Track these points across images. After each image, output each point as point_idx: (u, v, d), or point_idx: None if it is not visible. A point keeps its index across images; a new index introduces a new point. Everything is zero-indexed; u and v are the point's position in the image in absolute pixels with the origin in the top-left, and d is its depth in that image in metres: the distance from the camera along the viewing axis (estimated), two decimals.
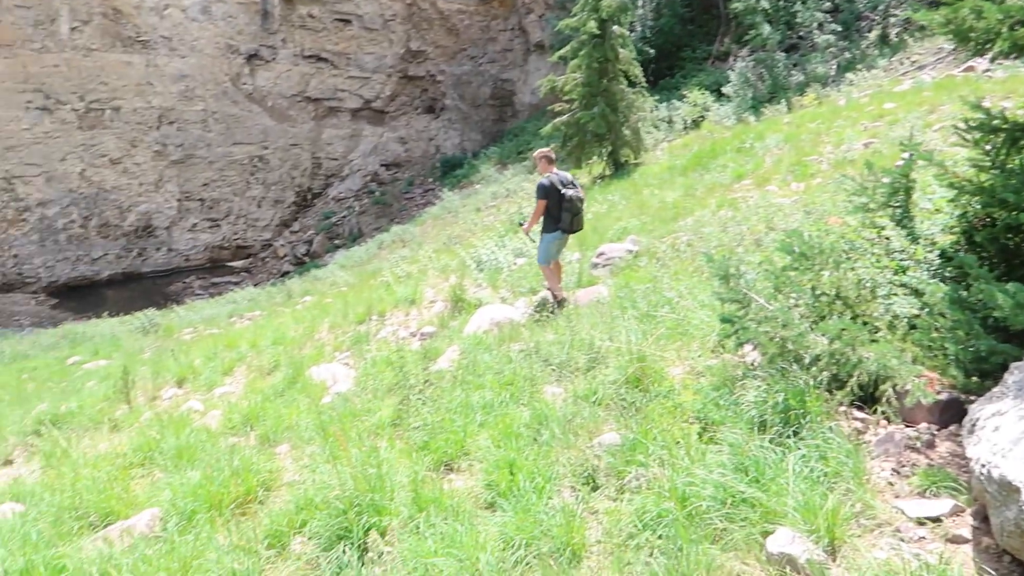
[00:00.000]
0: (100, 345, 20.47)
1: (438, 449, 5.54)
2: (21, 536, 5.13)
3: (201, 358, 12.76)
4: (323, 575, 4.31)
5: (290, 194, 46.29)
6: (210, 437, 7.37)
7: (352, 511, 4.57)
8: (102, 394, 11.91)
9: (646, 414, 5.26)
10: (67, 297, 39.92)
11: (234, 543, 4.54)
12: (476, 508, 4.71)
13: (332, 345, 11.29)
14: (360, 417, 6.59)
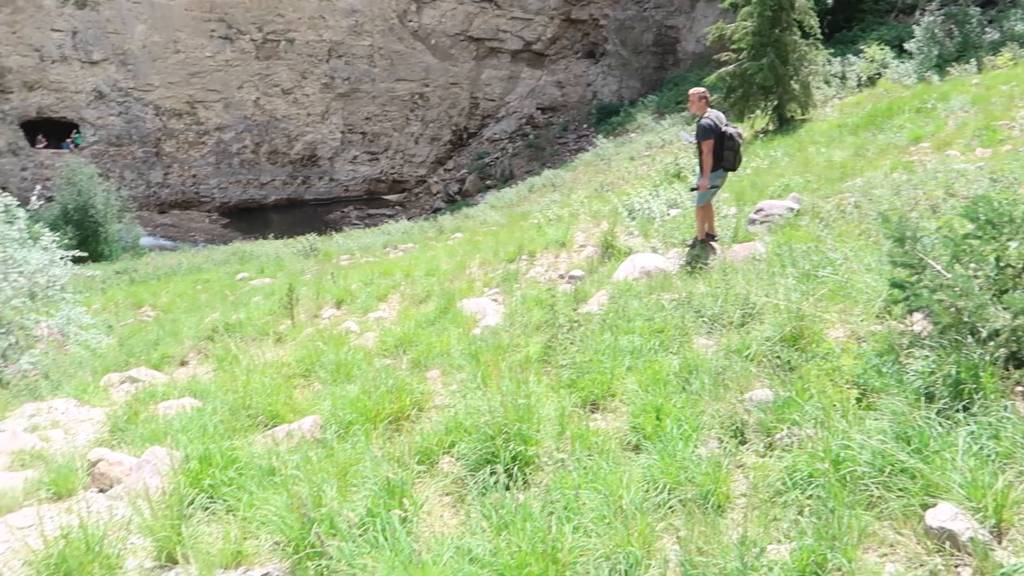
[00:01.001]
0: (265, 264, 21.80)
1: (584, 388, 5.61)
2: (200, 427, 5.61)
3: (358, 283, 13.36)
4: (469, 494, 4.48)
5: (446, 132, 47.16)
6: (365, 357, 7.75)
7: (500, 438, 4.71)
8: (267, 309, 12.72)
9: (801, 374, 5.11)
10: (237, 218, 42.62)
11: (388, 454, 4.78)
12: (620, 448, 4.75)
13: (482, 281, 11.55)
14: (508, 351, 6.75)
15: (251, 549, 4.13)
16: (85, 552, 3.89)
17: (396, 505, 4.12)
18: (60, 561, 3.83)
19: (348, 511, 4.09)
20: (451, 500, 4.61)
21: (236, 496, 4.53)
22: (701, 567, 3.42)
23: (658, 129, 31.87)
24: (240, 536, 4.15)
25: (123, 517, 4.46)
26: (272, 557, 4.09)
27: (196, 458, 4.83)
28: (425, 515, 4.32)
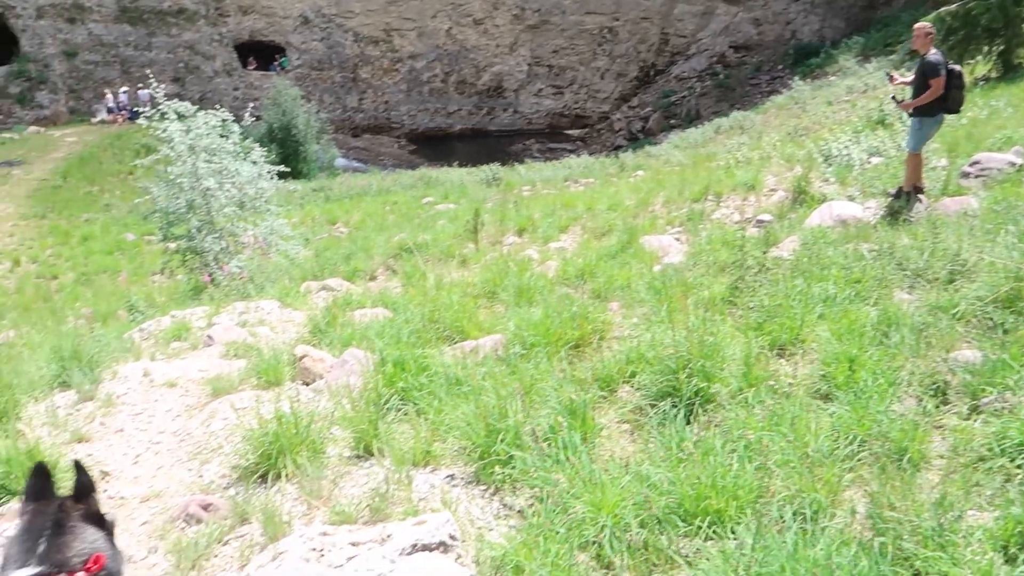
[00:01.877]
0: (449, 191, 22.47)
1: (772, 332, 5.45)
2: (393, 335, 5.94)
3: (539, 213, 13.53)
4: (648, 423, 4.50)
5: (633, 68, 46.18)
6: (547, 284, 7.88)
7: (683, 372, 4.68)
8: (452, 232, 13.16)
9: (1017, 338, 4.73)
10: (423, 144, 44.00)
11: (569, 376, 4.88)
12: (808, 395, 4.61)
13: (665, 219, 11.39)
14: (693, 289, 6.65)
15: (439, 451, 4.37)
16: (295, 435, 4.26)
17: (577, 425, 4.21)
18: (274, 440, 4.22)
19: (532, 425, 4.23)
20: (629, 428, 4.65)
21: (426, 401, 4.79)
22: (892, 522, 3.29)
23: (861, 73, 29.72)
24: (429, 438, 4.39)
25: (325, 409, 4.83)
26: (457, 460, 4.31)
27: (391, 362, 5.13)
28: (604, 439, 4.40)
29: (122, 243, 22.56)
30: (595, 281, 7.83)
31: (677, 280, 6.98)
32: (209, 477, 4.51)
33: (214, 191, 14.19)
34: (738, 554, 3.06)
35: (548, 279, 8.15)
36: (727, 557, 3.09)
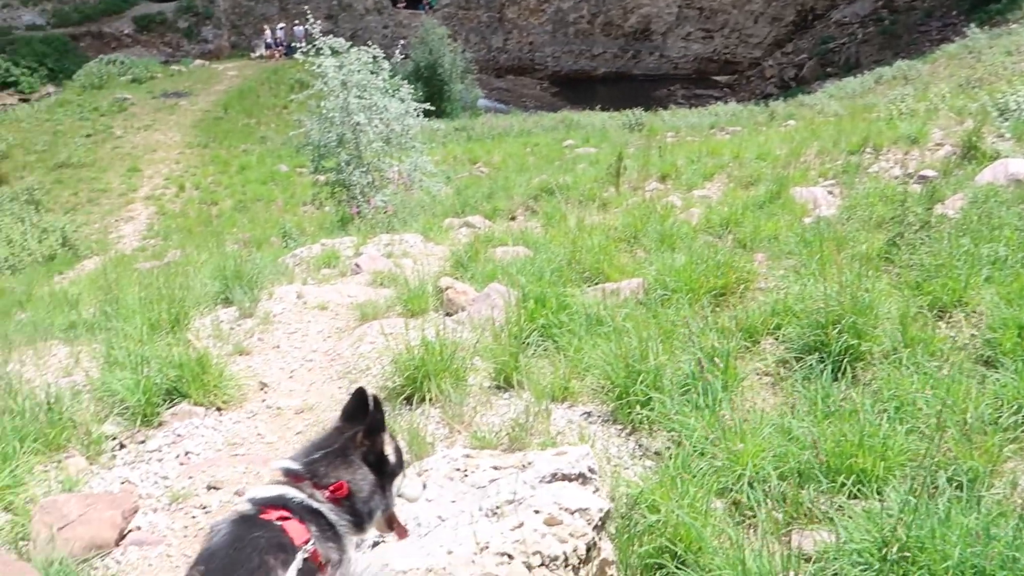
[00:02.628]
0: (591, 134, 22.25)
1: (932, 292, 5.15)
2: (535, 272, 6.00)
3: (683, 160, 13.21)
4: (791, 377, 4.39)
5: (790, 12, 43.87)
6: (690, 231, 7.73)
7: (832, 327, 4.51)
8: (592, 176, 13.06)
9: None
10: (566, 87, 43.59)
11: (711, 324, 4.81)
12: (969, 360, 4.36)
13: (817, 170, 10.89)
14: (846, 243, 6.36)
15: (577, 388, 4.41)
16: (439, 361, 4.40)
17: (718, 373, 4.15)
18: (420, 365, 4.38)
19: (671, 369, 4.20)
20: (770, 380, 4.55)
21: (566, 338, 4.84)
22: None
23: None
24: (568, 374, 4.44)
25: (467, 339, 4.96)
26: (595, 398, 4.35)
27: (532, 298, 5.19)
28: (745, 389, 4.32)
29: (276, 174, 23.66)
30: (740, 231, 7.61)
31: (830, 233, 6.68)
32: None
33: (363, 126, 14.60)
34: (884, 515, 2.96)
35: (691, 226, 7.98)
36: (872, 517, 2.99)
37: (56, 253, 17.79)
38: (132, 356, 4.68)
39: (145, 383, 4.42)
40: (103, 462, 4.07)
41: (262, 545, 1.77)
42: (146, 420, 4.39)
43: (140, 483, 3.83)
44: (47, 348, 6.21)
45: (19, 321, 8.63)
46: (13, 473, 3.56)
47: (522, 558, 2.51)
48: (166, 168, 25.16)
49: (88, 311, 7.97)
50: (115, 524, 3.29)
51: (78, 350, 5.87)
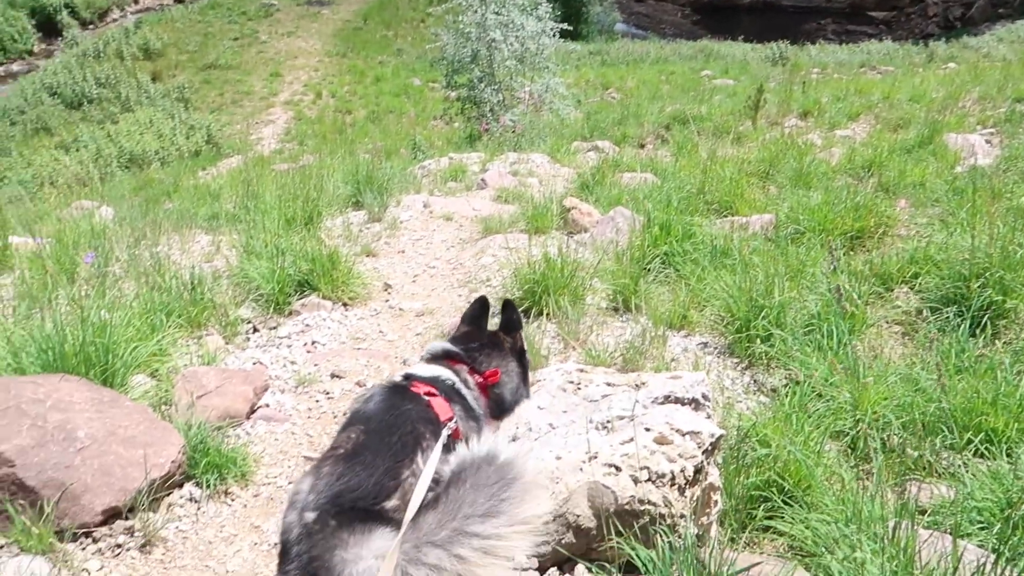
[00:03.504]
0: (730, 65, 21.39)
1: None
2: (662, 200, 5.89)
3: (828, 98, 12.55)
4: (923, 327, 4.19)
5: None
6: (828, 171, 7.39)
7: (975, 280, 4.26)
8: (729, 108, 12.61)
9: None
10: (708, 15, 41.75)
11: (843, 266, 4.62)
12: None
13: (976, 117, 10.14)
14: (1002, 195, 5.93)
15: (695, 317, 4.36)
16: (559, 278, 4.43)
17: (846, 316, 4.01)
18: (540, 279, 4.42)
19: (796, 308, 4.09)
20: (901, 330, 4.36)
21: (689, 267, 4.76)
22: None
23: None
24: (687, 303, 4.39)
25: (588, 260, 4.95)
26: (713, 329, 4.29)
27: (658, 225, 5.11)
28: (872, 335, 4.16)
29: (409, 87, 23.93)
30: (884, 175, 7.21)
31: (984, 184, 6.25)
32: None
33: (498, 43, 14.52)
34: (1011, 476, 2.83)
35: (830, 166, 7.63)
36: (997, 478, 2.87)
37: (201, 149, 18.72)
38: (269, 248, 4.92)
39: (280, 274, 4.64)
40: (237, 342, 4.33)
41: (413, 415, 1.87)
42: (278, 308, 4.62)
43: (270, 365, 4.06)
44: (191, 235, 6.59)
45: (167, 209, 9.16)
46: (159, 344, 3.83)
47: (629, 471, 2.54)
48: (305, 75, 25.83)
49: (228, 205, 8.39)
50: (247, 399, 3.52)
51: (219, 239, 6.20)
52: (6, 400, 2.80)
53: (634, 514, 2.49)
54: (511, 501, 1.57)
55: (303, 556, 1.55)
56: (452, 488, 1.62)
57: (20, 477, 2.58)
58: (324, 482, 1.69)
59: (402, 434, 1.82)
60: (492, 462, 1.63)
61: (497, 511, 1.56)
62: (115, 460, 2.74)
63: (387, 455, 1.76)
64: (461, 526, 1.54)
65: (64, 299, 4.21)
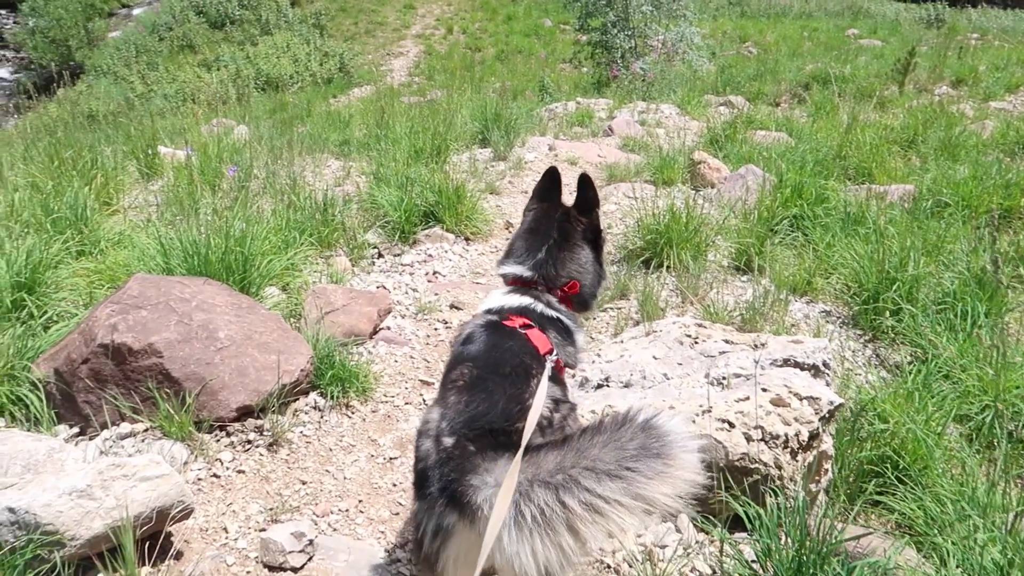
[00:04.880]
0: (880, 25, 20.20)
1: None
2: (796, 161, 5.70)
3: (985, 66, 11.73)
4: None
5: None
6: (978, 144, 6.96)
7: None
8: (874, 70, 11.97)
9: None
10: None
11: (987, 245, 4.38)
12: None
13: None
14: None
15: (820, 284, 4.24)
16: (682, 232, 4.37)
17: (984, 298, 3.82)
18: (663, 231, 4.38)
19: (930, 284, 3.92)
20: None
21: (818, 233, 4.62)
22: None
23: None
24: (813, 268, 4.27)
25: (713, 216, 4.86)
26: (838, 299, 4.16)
27: (789, 186, 4.96)
28: (1013, 320, 3.95)
29: (539, 27, 23.68)
30: None
31: None
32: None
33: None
34: None
35: (981, 139, 7.18)
36: None
37: (334, 77, 19.15)
38: (398, 177, 5.04)
39: (407, 203, 4.76)
40: (363, 266, 4.49)
41: (516, 350, 1.91)
42: (403, 236, 4.75)
43: (392, 290, 4.20)
44: (323, 159, 6.82)
45: (300, 133, 9.47)
46: (291, 259, 4.02)
47: (743, 429, 2.53)
48: (438, 9, 25.92)
49: (359, 132, 8.60)
50: (371, 319, 3.66)
51: (349, 165, 6.39)
52: (157, 296, 3.01)
53: (744, 471, 2.48)
54: (640, 474, 1.51)
55: (445, 479, 1.61)
56: (586, 435, 1.59)
57: (167, 368, 2.79)
58: (454, 410, 1.75)
59: (512, 366, 1.87)
60: (644, 426, 1.57)
61: (619, 475, 1.51)
62: (250, 362, 2.92)
63: (505, 384, 1.81)
64: (577, 476, 1.52)
65: (208, 208, 4.45)
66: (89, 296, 3.60)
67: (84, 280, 3.70)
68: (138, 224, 4.54)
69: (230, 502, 2.58)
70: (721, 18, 23.53)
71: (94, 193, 4.63)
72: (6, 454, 2.21)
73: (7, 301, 3.32)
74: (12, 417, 2.88)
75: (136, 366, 2.80)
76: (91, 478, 2.10)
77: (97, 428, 2.79)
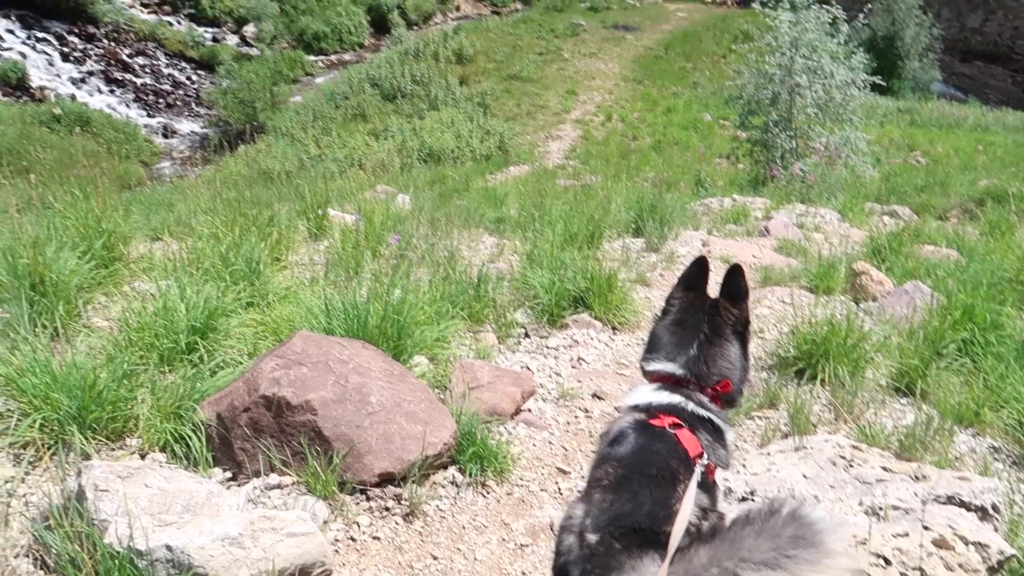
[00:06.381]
0: None
1: None
2: (967, 281, 5.38)
3: None
4: None
5: None
6: None
7: None
8: None
9: None
10: None
11: None
12: None
13: None
14: None
15: (989, 417, 3.94)
16: (840, 345, 4.19)
17: None
18: (820, 343, 4.21)
19: None
20: None
21: (990, 361, 4.32)
22: None
23: None
24: (982, 399, 3.98)
25: (873, 331, 4.64)
26: (1009, 435, 3.85)
27: (959, 307, 4.68)
28: None
29: (698, 121, 23.80)
30: None
31: None
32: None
33: (802, 89, 14.04)
34: None
35: None
36: None
37: (492, 154, 19.87)
38: (551, 259, 5.12)
39: (558, 287, 4.81)
40: (509, 344, 4.55)
41: (664, 453, 1.87)
42: (551, 319, 4.80)
43: (536, 372, 4.23)
44: (478, 235, 7.02)
45: (457, 206, 9.83)
46: (442, 331, 4.12)
47: (900, 568, 2.36)
48: (599, 97, 26.55)
49: (512, 210, 8.83)
50: (514, 400, 3.69)
51: (503, 242, 6.55)
52: (318, 355, 3.15)
53: None
54: (799, 561, 1.47)
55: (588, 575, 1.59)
56: (735, 527, 1.57)
57: (319, 426, 2.90)
58: (598, 508, 1.73)
59: (659, 468, 1.82)
60: (792, 516, 1.54)
61: (777, 564, 1.47)
62: (397, 430, 2.99)
63: (652, 486, 1.78)
64: (733, 568, 1.49)
65: (369, 272, 4.66)
66: (254, 346, 3.81)
67: (250, 330, 3.93)
68: (303, 281, 4.81)
69: (364, 567, 2.63)
70: (889, 125, 22.91)
71: (268, 249, 4.93)
72: (171, 492, 2.35)
73: (183, 343, 3.56)
74: (172, 454, 3.06)
75: (291, 420, 2.93)
76: (243, 527, 2.20)
77: (248, 476, 2.92)
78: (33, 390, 3.02)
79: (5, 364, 3.15)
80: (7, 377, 3.09)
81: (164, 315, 3.62)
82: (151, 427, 3.09)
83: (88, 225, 4.71)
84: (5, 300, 3.79)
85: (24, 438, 2.92)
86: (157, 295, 3.86)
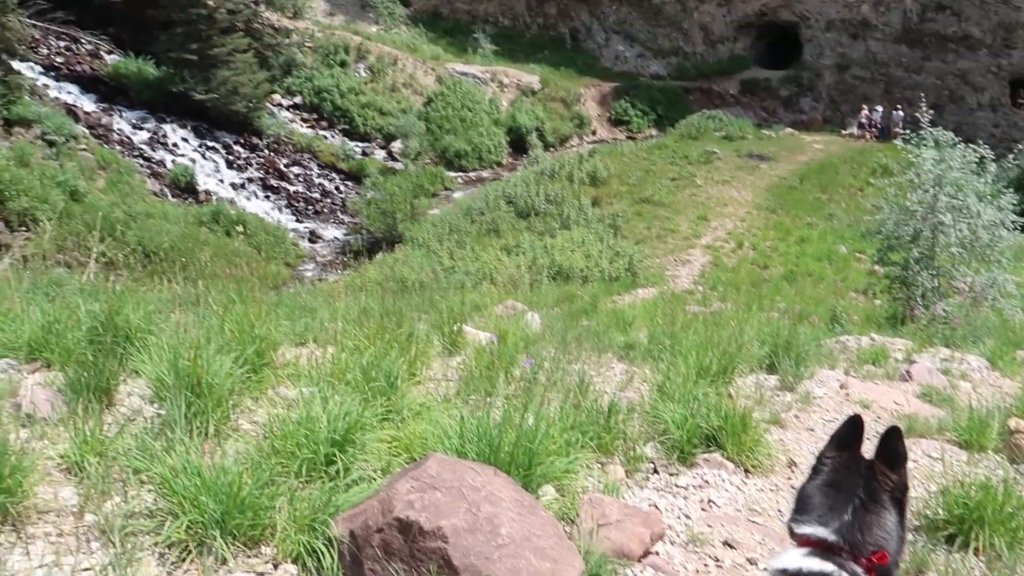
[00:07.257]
0: None
1: None
2: None
3: None
4: None
5: None
6: None
7: None
8: None
9: None
10: None
11: None
12: None
13: None
14: None
15: None
16: (996, 511, 3.90)
17: None
18: (974, 506, 3.93)
19: None
20: None
21: None
22: None
23: None
24: None
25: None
26: None
27: None
28: None
29: (833, 253, 23.27)
30: None
31: None
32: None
33: (946, 227, 13.60)
34: None
35: None
36: None
37: (620, 275, 20.00)
38: (684, 394, 5.05)
39: (691, 423, 4.73)
40: (637, 479, 4.47)
41: None
42: (682, 456, 4.69)
43: (664, 512, 4.12)
44: (607, 360, 7.03)
45: (584, 327, 9.89)
46: (571, 461, 4.10)
47: None
48: (731, 223, 26.46)
49: (641, 335, 8.80)
50: (642, 541, 3.60)
51: (633, 370, 6.52)
52: (451, 480, 3.19)
53: None
54: None
55: None
56: None
57: (449, 554, 2.91)
58: None
59: None
60: None
61: None
62: (524, 565, 2.97)
63: None
64: None
65: (501, 395, 4.73)
66: (387, 463, 3.89)
67: (385, 446, 4.03)
68: (436, 398, 4.92)
69: None
70: None
71: (406, 364, 5.10)
72: None
73: (322, 454, 3.69)
74: (303, 566, 3.13)
75: (422, 546, 2.96)
76: None
77: None
78: (184, 491, 3.18)
79: (161, 463, 3.34)
80: (162, 476, 3.28)
81: (307, 424, 3.77)
82: (286, 537, 3.18)
83: (243, 330, 5.01)
84: (166, 399, 4.06)
85: (171, 538, 3.07)
86: (300, 403, 4.04)
